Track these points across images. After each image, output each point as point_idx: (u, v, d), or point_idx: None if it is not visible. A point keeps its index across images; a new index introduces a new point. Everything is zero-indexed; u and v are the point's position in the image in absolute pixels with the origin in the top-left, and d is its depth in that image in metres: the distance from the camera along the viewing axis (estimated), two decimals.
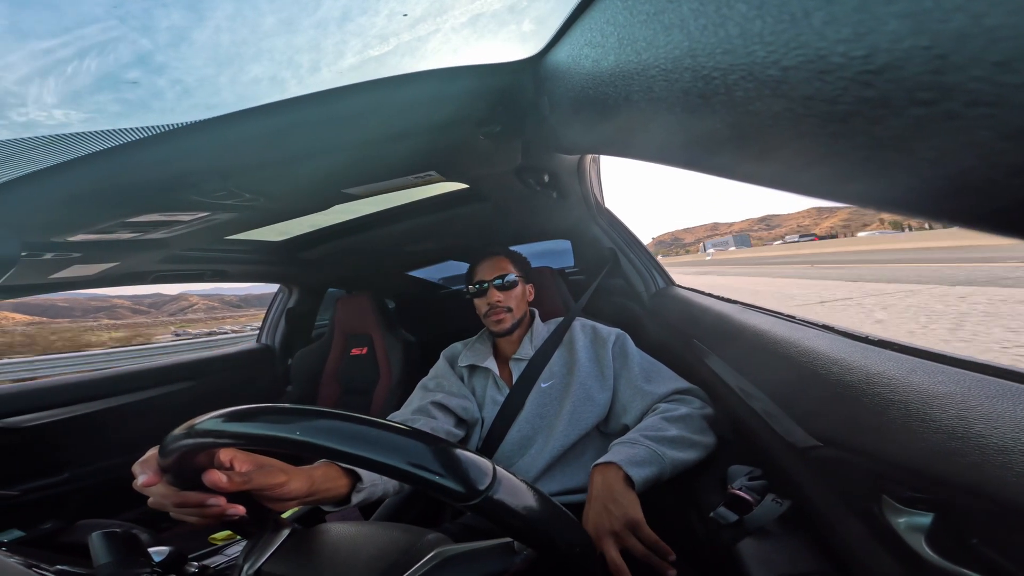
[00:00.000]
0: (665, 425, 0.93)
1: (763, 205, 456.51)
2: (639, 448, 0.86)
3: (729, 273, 23.40)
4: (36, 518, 1.47)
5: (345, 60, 0.67)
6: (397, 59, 0.69)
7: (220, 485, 0.52)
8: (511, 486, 0.47)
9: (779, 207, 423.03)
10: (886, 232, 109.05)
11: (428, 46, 0.68)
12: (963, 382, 0.48)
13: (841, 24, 0.20)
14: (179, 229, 1.25)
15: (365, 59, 0.67)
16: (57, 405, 1.60)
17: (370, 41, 0.65)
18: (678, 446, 0.89)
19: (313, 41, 0.64)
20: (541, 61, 0.73)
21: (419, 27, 0.64)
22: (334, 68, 0.68)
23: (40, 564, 0.57)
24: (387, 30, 0.64)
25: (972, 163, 0.18)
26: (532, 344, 1.21)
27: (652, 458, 0.85)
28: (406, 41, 0.66)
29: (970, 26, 0.16)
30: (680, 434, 0.91)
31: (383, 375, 1.98)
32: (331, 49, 0.66)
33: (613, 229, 1.84)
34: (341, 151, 0.96)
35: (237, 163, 0.93)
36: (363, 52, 0.66)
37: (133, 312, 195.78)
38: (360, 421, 0.44)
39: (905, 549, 0.48)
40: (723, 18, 0.26)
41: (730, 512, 0.75)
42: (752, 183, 0.33)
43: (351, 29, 0.63)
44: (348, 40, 0.65)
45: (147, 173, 0.87)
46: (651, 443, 0.87)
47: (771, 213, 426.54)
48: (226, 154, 0.88)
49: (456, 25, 0.65)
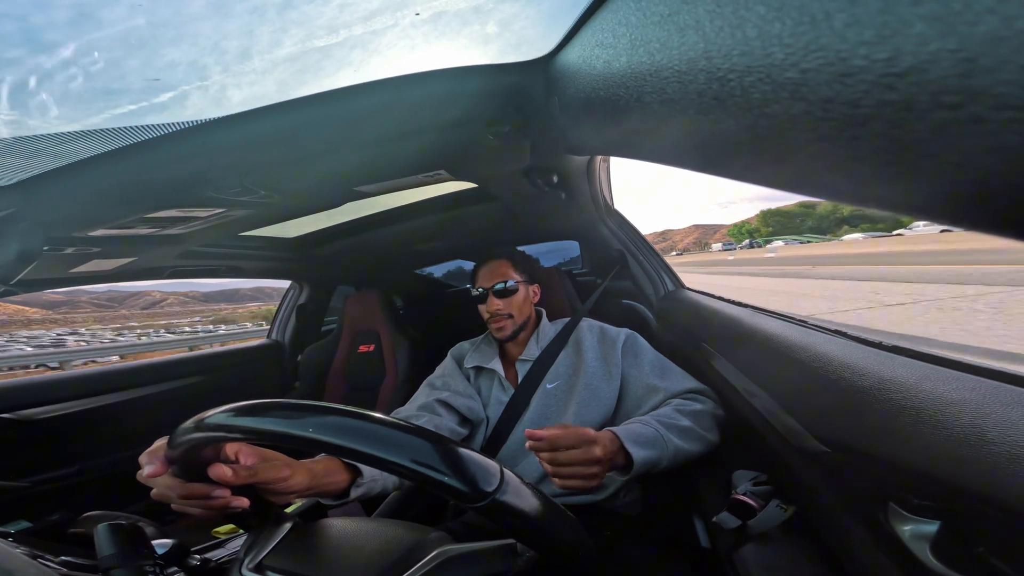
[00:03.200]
0: (678, 416, 0.93)
1: (661, 221, 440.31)
2: (647, 428, 0.86)
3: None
4: (45, 510, 1.49)
5: (282, 49, 0.64)
6: (345, 52, 0.66)
7: (226, 478, 0.53)
8: (517, 489, 0.47)
9: (673, 223, 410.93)
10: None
11: (383, 40, 0.65)
12: (978, 389, 0.47)
13: (864, 26, 0.19)
14: (196, 225, 1.27)
15: (306, 49, 0.64)
16: (69, 398, 1.62)
17: (314, 31, 0.62)
18: (685, 437, 0.89)
19: (246, 27, 0.60)
20: (551, 61, 0.73)
21: (374, 20, 0.61)
22: (268, 57, 0.65)
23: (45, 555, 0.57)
24: (337, 21, 0.61)
25: (997, 168, 0.17)
26: (538, 345, 1.21)
27: (656, 441, 0.84)
28: (358, 34, 0.63)
29: (1001, 29, 0.15)
30: (690, 426, 0.91)
31: (389, 372, 1.99)
32: (267, 37, 0.62)
33: (622, 230, 1.84)
34: (353, 149, 0.96)
35: (254, 160, 0.94)
36: (305, 42, 0.63)
37: (98, 307, 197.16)
38: (370, 419, 0.44)
39: (909, 558, 0.48)
40: (741, 20, 0.26)
41: (733, 517, 0.74)
42: (768, 186, 0.32)
43: (293, 17, 0.60)
44: (289, 28, 0.61)
45: (168, 169, 0.89)
46: (660, 427, 0.87)
47: (668, 228, 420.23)
48: (244, 151, 0.89)
49: (416, 21, 0.63)
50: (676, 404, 0.98)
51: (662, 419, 0.91)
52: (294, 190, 1.17)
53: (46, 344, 38.31)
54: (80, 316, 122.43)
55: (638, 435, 0.83)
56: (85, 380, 1.71)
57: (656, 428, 0.87)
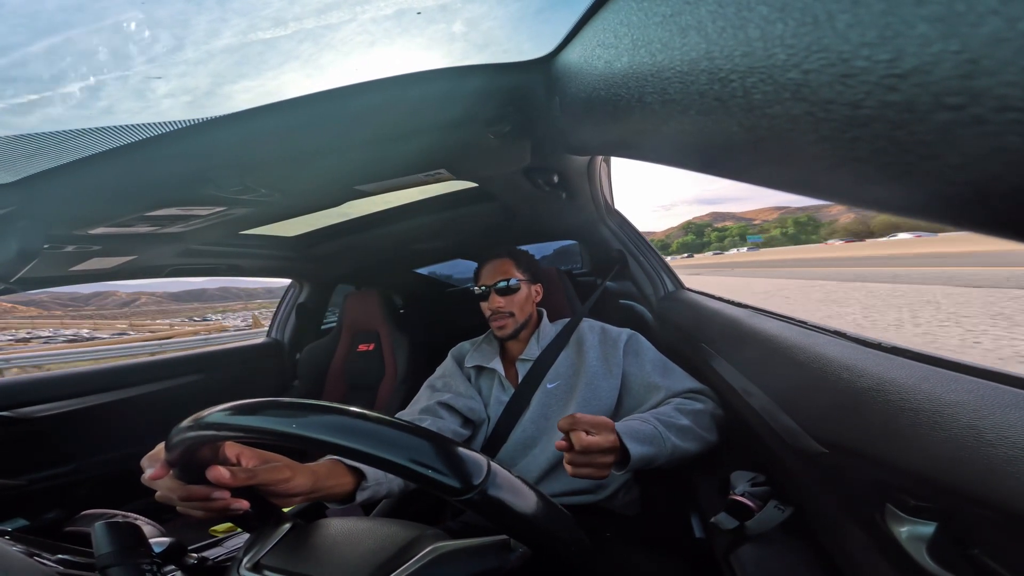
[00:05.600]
0: (677, 415, 0.93)
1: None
2: (646, 426, 0.87)
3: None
4: (42, 508, 1.49)
5: (220, 39, 0.60)
6: (294, 45, 0.63)
7: (223, 481, 0.53)
8: (507, 483, 0.47)
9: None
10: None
11: (338, 35, 0.62)
12: (976, 391, 0.47)
13: (866, 27, 0.19)
14: (196, 223, 1.27)
15: (248, 41, 0.61)
16: (66, 397, 1.62)
17: (259, 22, 0.59)
18: (683, 435, 0.89)
19: (181, 15, 0.57)
20: (552, 61, 0.73)
21: (330, 15, 0.59)
22: (203, 47, 0.61)
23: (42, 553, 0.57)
24: (286, 13, 0.58)
25: (998, 170, 0.17)
26: (539, 344, 1.21)
27: (654, 438, 0.84)
28: (309, 28, 0.60)
29: (1005, 30, 0.15)
30: (689, 426, 0.91)
31: (388, 371, 1.99)
32: (204, 27, 0.58)
33: (622, 231, 1.84)
34: (354, 148, 0.97)
35: (255, 158, 0.94)
36: (247, 33, 0.60)
37: (62, 307, 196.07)
38: (356, 415, 0.44)
39: (905, 558, 0.48)
40: (743, 20, 0.26)
41: (731, 518, 0.74)
42: (769, 186, 0.32)
43: (236, 7, 0.57)
44: (229, 19, 0.58)
45: (168, 167, 0.89)
46: (660, 426, 0.88)
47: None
48: (244, 149, 0.89)
49: (377, 17, 0.60)
50: (676, 403, 0.98)
51: (661, 417, 0.91)
52: (295, 189, 1.17)
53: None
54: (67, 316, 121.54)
55: (636, 431, 0.83)
56: (83, 378, 1.71)
57: (655, 426, 0.87)
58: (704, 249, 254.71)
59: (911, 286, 11.99)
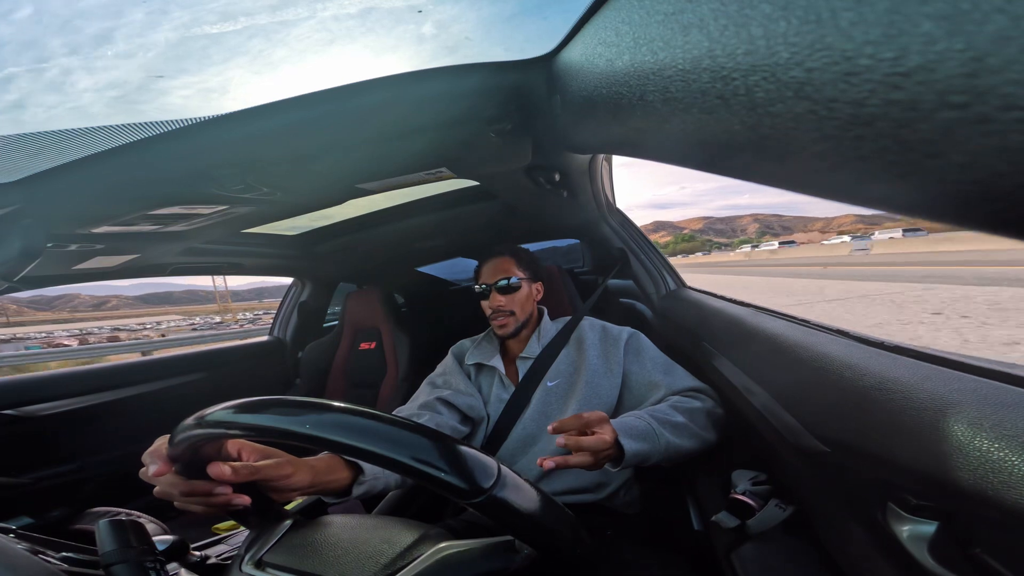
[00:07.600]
0: (673, 412, 0.93)
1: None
2: (640, 422, 0.87)
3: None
4: (47, 506, 1.50)
5: (158, 32, 0.57)
6: (242, 40, 0.59)
7: (225, 476, 0.53)
8: (515, 485, 0.47)
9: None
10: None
11: (294, 32, 0.59)
12: (979, 390, 0.47)
13: (870, 25, 0.19)
14: (198, 222, 1.28)
15: (189, 35, 0.57)
16: (70, 395, 1.63)
17: (203, 15, 0.55)
18: (678, 433, 0.89)
19: (114, 6, 0.54)
20: (554, 59, 0.73)
21: (286, 11, 0.56)
22: (137, 40, 0.57)
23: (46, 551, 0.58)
24: (236, 7, 0.55)
25: (1003, 168, 0.17)
26: (540, 343, 1.21)
27: (648, 435, 0.85)
28: (262, 24, 0.57)
29: (1010, 28, 0.15)
30: (684, 423, 0.91)
31: (390, 369, 1.99)
32: (140, 19, 0.55)
33: (624, 229, 1.83)
34: (356, 146, 0.96)
35: (257, 157, 0.94)
36: (190, 27, 0.56)
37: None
38: (368, 416, 0.44)
39: (906, 558, 0.48)
40: (746, 18, 0.26)
41: (732, 517, 0.74)
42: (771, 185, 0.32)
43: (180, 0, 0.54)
44: (171, 11, 0.55)
45: (171, 166, 0.89)
46: (654, 422, 0.88)
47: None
48: (247, 148, 0.89)
49: (339, 15, 0.58)
50: (673, 401, 0.98)
51: (656, 414, 0.91)
52: (297, 187, 1.17)
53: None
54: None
55: (631, 428, 0.84)
56: (87, 377, 1.71)
57: (649, 422, 0.87)
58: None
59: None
